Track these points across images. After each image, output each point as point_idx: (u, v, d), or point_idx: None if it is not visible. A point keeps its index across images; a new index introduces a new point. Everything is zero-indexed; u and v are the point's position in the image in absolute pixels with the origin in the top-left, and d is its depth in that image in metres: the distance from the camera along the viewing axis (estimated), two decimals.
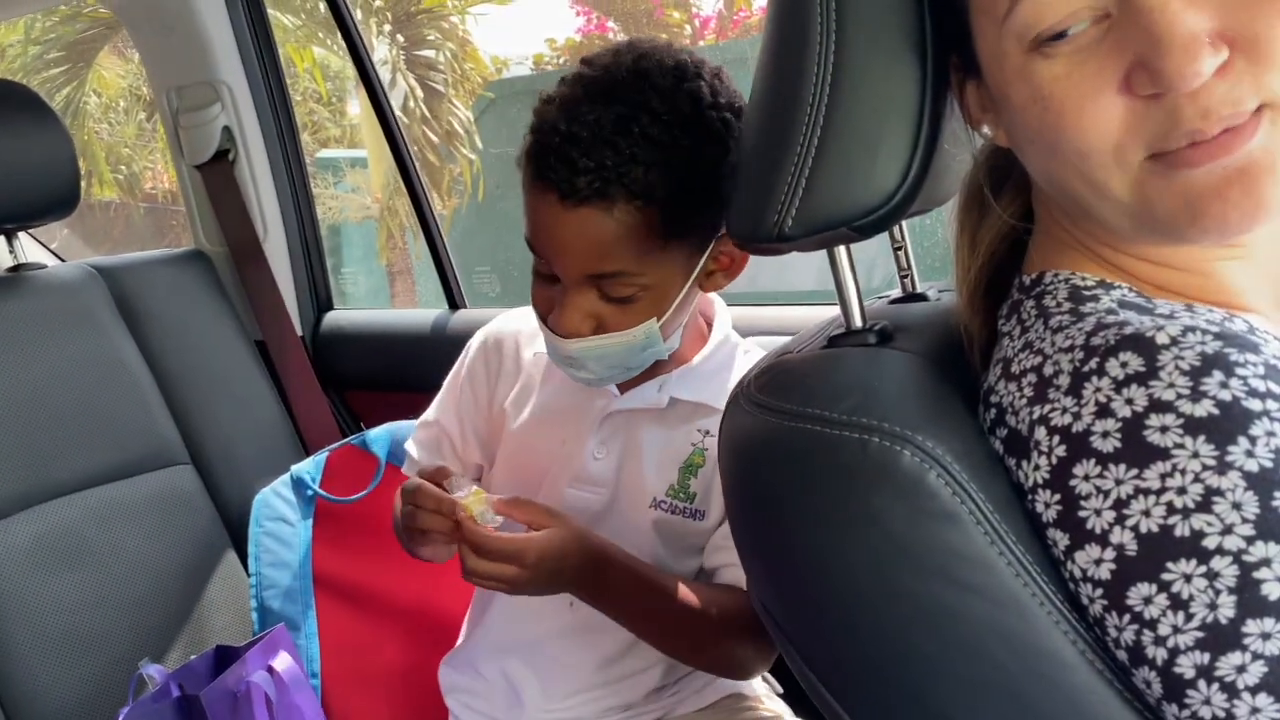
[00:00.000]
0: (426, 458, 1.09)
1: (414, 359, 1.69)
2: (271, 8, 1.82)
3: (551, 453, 1.00)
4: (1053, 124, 0.52)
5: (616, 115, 0.82)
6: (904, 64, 0.58)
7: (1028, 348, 0.55)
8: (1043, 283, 0.58)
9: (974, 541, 0.52)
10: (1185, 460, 0.46)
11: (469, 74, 6.62)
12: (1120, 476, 0.48)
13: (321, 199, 6.46)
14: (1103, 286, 0.57)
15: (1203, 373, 0.47)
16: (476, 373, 1.07)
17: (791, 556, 0.57)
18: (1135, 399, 0.48)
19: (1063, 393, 0.51)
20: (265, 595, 1.42)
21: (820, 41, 0.58)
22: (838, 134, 0.58)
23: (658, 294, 0.88)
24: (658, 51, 0.86)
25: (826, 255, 0.65)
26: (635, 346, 0.90)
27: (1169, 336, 0.49)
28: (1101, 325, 0.52)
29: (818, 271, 0.68)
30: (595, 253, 0.85)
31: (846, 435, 0.54)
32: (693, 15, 7.03)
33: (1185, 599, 0.46)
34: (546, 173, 0.84)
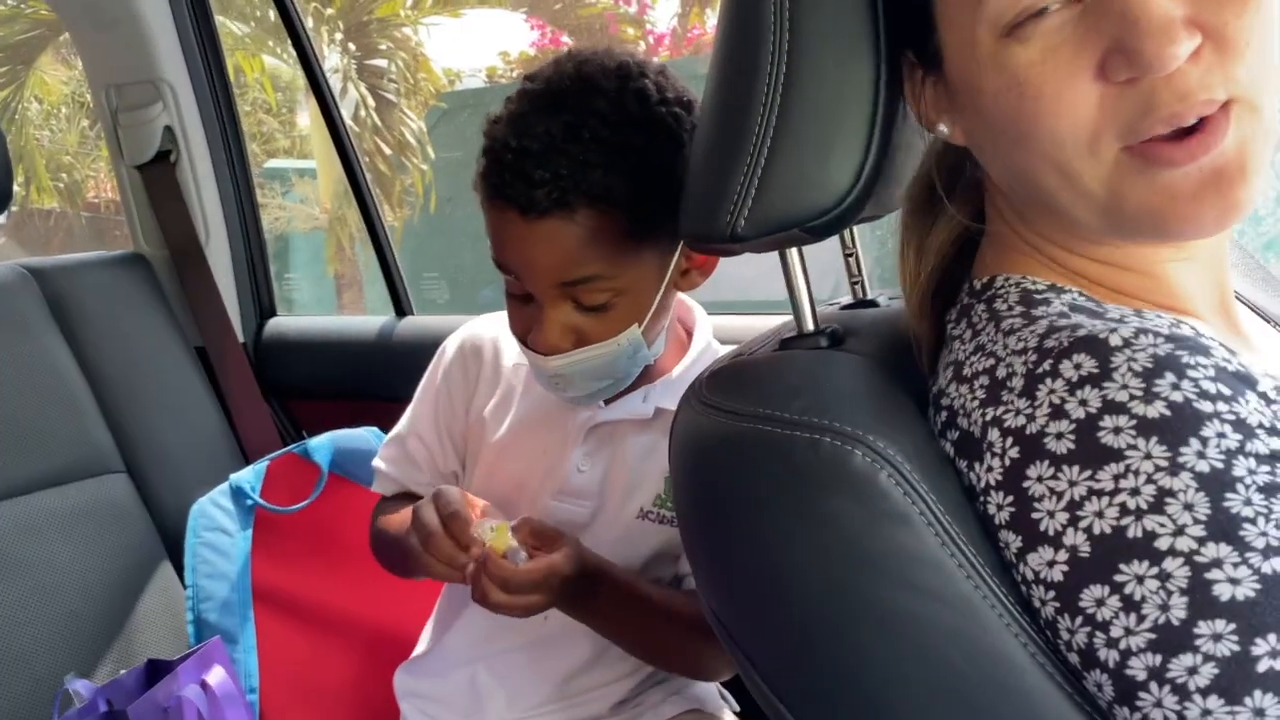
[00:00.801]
0: (400, 473, 1.07)
1: (359, 366, 1.66)
2: (220, 14, 1.79)
3: (532, 464, 0.99)
4: (1029, 111, 0.52)
5: (565, 123, 0.81)
6: (858, 63, 0.58)
7: (979, 350, 0.55)
8: (994, 287, 0.58)
9: (925, 543, 0.52)
10: (1138, 461, 0.46)
11: (421, 85, 6.58)
12: (1074, 478, 0.48)
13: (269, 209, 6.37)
14: (1053, 290, 0.57)
15: (1155, 374, 0.47)
16: (454, 378, 1.05)
17: (742, 557, 0.56)
18: (1089, 400, 0.48)
19: (1016, 394, 0.51)
20: (202, 608, 1.38)
21: (773, 40, 0.58)
22: (791, 134, 0.58)
23: (634, 298, 0.87)
24: (598, 56, 0.86)
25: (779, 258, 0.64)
26: (621, 356, 0.89)
27: (1121, 339, 0.49)
28: (1054, 328, 0.52)
29: None
30: (564, 261, 0.84)
31: (798, 435, 0.54)
32: (647, 32, 7.07)
33: (1137, 600, 0.46)
34: (504, 190, 0.83)
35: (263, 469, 1.45)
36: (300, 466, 1.46)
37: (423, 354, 1.09)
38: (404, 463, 1.07)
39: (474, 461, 1.03)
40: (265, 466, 1.45)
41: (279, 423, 1.72)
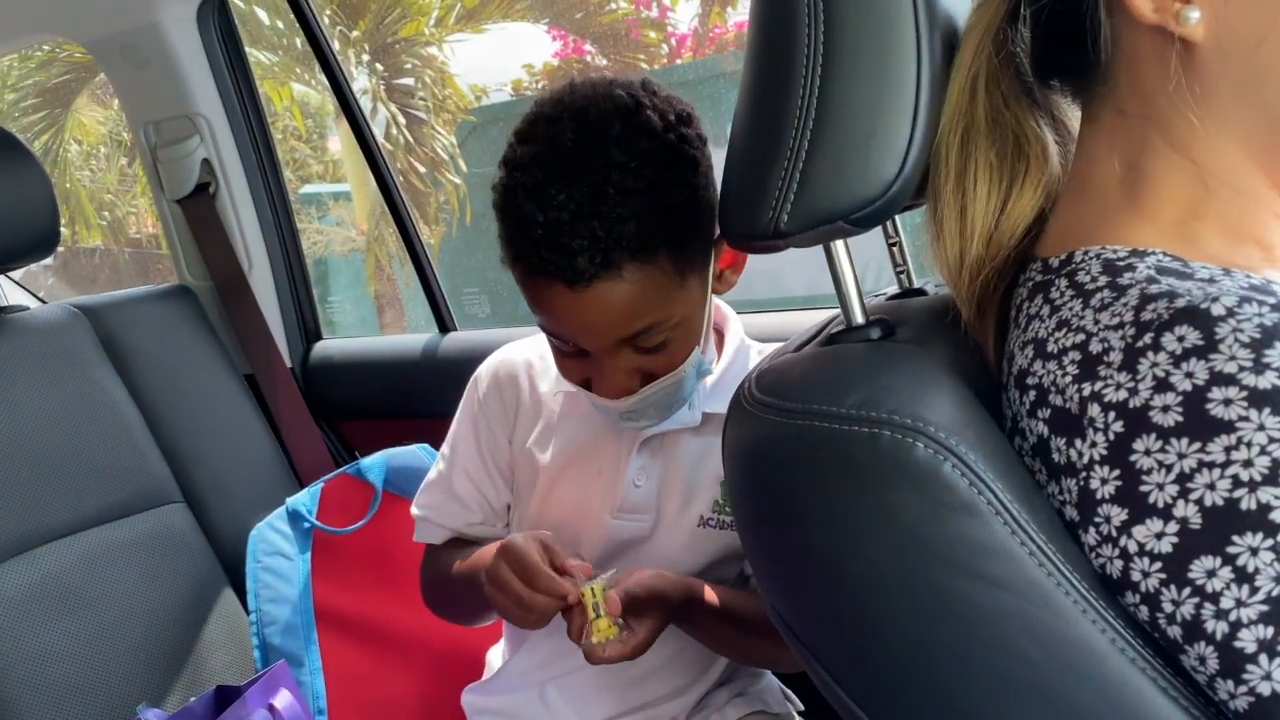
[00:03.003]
0: (447, 517, 1.05)
1: (406, 385, 1.67)
2: (248, 45, 1.81)
3: (588, 486, 0.98)
4: None
5: (588, 185, 0.79)
6: (897, 46, 0.56)
7: (1064, 326, 0.54)
8: (1074, 261, 0.57)
9: (994, 533, 0.51)
10: (1251, 433, 0.45)
11: (448, 101, 6.63)
12: (1183, 450, 0.47)
13: (306, 233, 6.45)
14: (1135, 255, 0.55)
15: (1264, 345, 0.46)
16: (492, 410, 1.03)
17: (805, 558, 0.56)
18: (1195, 372, 0.47)
19: (1115, 369, 0.50)
20: (266, 632, 1.39)
21: (809, 29, 0.57)
22: (831, 124, 0.57)
23: (688, 326, 0.87)
24: (593, 101, 0.82)
25: (824, 252, 0.63)
26: (689, 379, 0.90)
27: (1225, 308, 0.48)
28: (1147, 297, 0.51)
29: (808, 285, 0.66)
30: (620, 320, 0.83)
31: (856, 430, 0.53)
32: (669, 34, 7.06)
33: (1251, 572, 0.45)
34: (544, 267, 0.81)
35: (318, 491, 1.46)
36: (354, 487, 1.47)
37: (468, 369, 1.09)
38: (451, 505, 1.05)
39: (528, 492, 1.02)
40: (320, 489, 1.47)
41: (330, 444, 1.74)
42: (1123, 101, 0.57)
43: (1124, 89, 0.57)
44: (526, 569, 0.85)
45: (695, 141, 0.83)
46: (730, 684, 1.03)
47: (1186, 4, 0.52)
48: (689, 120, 0.84)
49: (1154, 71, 0.55)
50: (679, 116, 0.84)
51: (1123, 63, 0.56)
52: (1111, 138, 0.58)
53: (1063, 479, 0.52)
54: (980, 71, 0.59)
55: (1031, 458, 0.55)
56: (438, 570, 1.04)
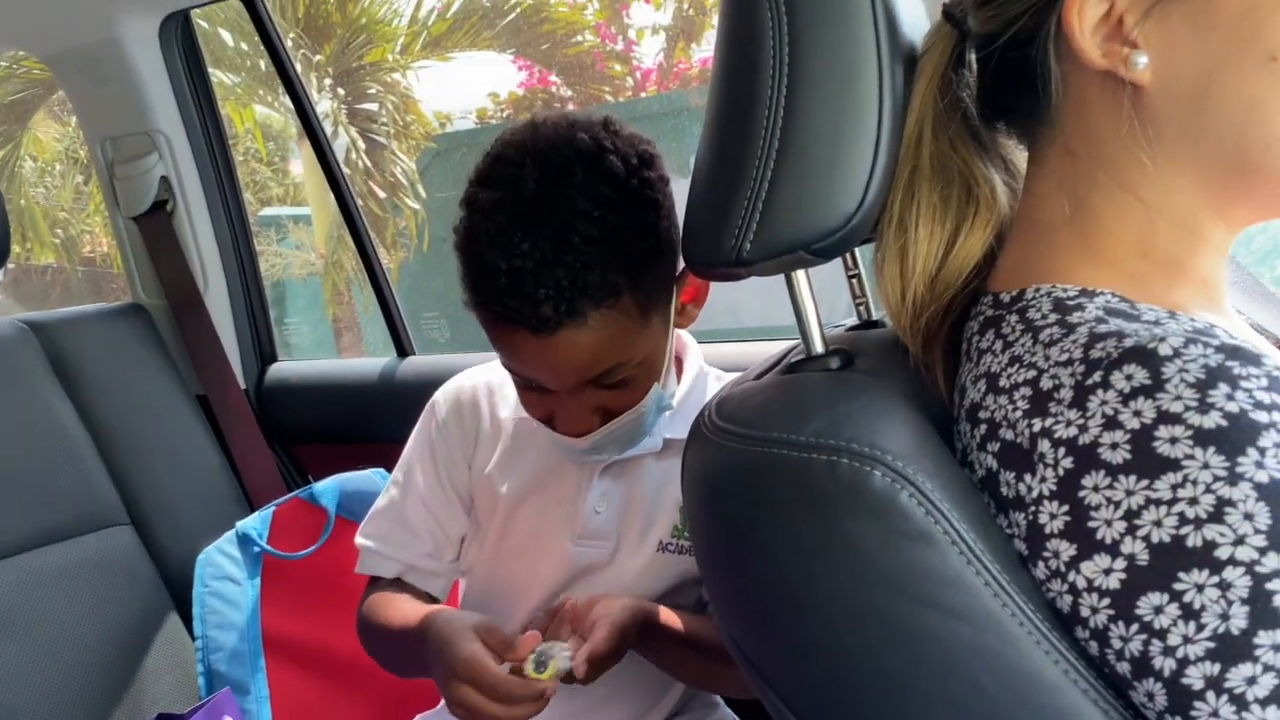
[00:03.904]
0: (396, 549, 1.02)
1: (362, 409, 1.65)
2: (211, 65, 1.80)
3: (548, 513, 0.97)
4: None
5: (552, 234, 0.79)
6: (860, 80, 0.57)
7: (1015, 362, 0.55)
8: (1024, 299, 0.58)
9: (950, 562, 0.51)
10: (1196, 471, 0.46)
11: (410, 127, 6.63)
12: (1131, 487, 0.47)
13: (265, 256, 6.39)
14: (1085, 295, 0.56)
15: (1209, 385, 0.47)
16: (453, 435, 1.02)
17: (762, 584, 0.56)
18: (1143, 411, 0.48)
19: (1065, 406, 0.50)
20: (212, 658, 1.37)
21: (774, 62, 0.57)
22: (794, 155, 0.57)
23: (650, 363, 0.88)
24: (555, 146, 0.82)
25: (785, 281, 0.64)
26: (650, 414, 0.90)
27: (1171, 349, 0.49)
28: (1096, 336, 0.51)
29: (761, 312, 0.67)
30: (585, 364, 0.83)
31: (815, 458, 0.53)
32: (634, 67, 7.13)
33: (1197, 609, 0.46)
34: (509, 315, 0.81)
35: (269, 515, 1.44)
36: (307, 511, 1.45)
37: (426, 394, 1.08)
38: (401, 535, 1.02)
39: (487, 519, 1.01)
40: (271, 512, 1.44)
41: (283, 468, 1.71)
42: (1071, 142, 0.58)
43: (1073, 131, 0.58)
44: (490, 684, 0.82)
45: (657, 184, 0.84)
46: (684, 715, 1.03)
47: (1134, 49, 0.53)
48: (651, 162, 0.85)
49: (1104, 114, 0.56)
50: (641, 158, 0.84)
51: (1072, 105, 0.57)
52: (1060, 177, 0.59)
53: (1011, 513, 0.53)
54: (927, 116, 0.60)
55: (980, 491, 0.55)
56: (379, 614, 1.01)
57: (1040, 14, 0.56)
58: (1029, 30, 0.56)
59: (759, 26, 0.58)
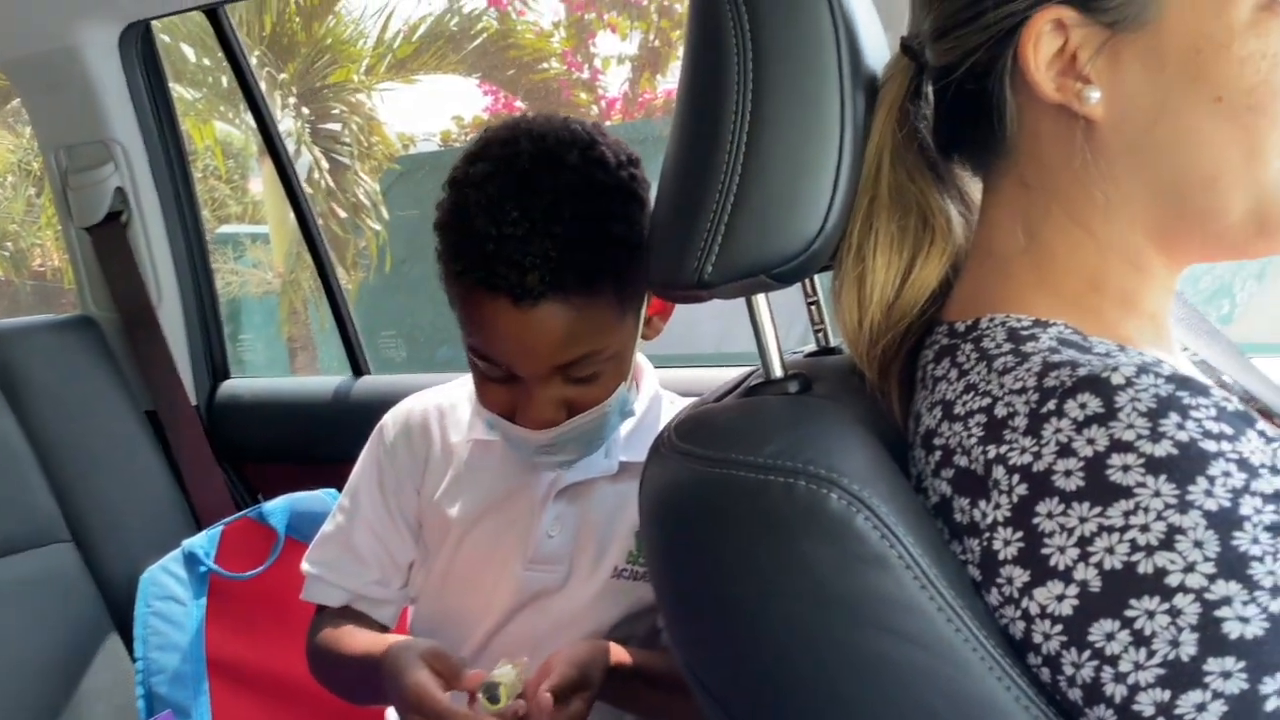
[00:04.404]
0: (342, 577, 1.00)
1: (316, 428, 1.63)
2: (172, 80, 1.79)
3: (500, 538, 0.96)
4: (1277, 84, 0.53)
5: (544, 205, 0.79)
6: (822, 109, 0.58)
7: (971, 390, 0.55)
8: (979, 327, 0.59)
9: (905, 587, 0.51)
10: (1148, 499, 0.47)
11: (374, 149, 6.61)
12: (1084, 514, 0.48)
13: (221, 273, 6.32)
14: (1039, 325, 0.57)
15: (1160, 414, 0.48)
16: (401, 460, 1.00)
17: (718, 605, 0.55)
18: (1096, 439, 0.48)
19: (1020, 433, 0.51)
20: (152, 681, 1.33)
21: (738, 89, 0.58)
22: (757, 181, 0.58)
23: (619, 361, 0.87)
24: (552, 128, 0.84)
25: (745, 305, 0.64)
26: (612, 415, 0.89)
27: (1124, 378, 0.50)
28: (1050, 365, 0.52)
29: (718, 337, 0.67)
30: (560, 344, 0.82)
31: (772, 479, 0.53)
32: (599, 96, 7.17)
33: (1148, 635, 0.46)
34: (491, 280, 0.80)
35: (217, 534, 1.41)
36: (256, 531, 1.43)
37: (381, 413, 1.06)
38: (348, 562, 1.00)
39: (436, 545, 0.99)
40: (219, 532, 1.42)
41: (233, 487, 1.69)
42: (1025, 175, 0.59)
43: (1027, 163, 0.59)
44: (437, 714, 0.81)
45: (643, 183, 0.85)
46: None
47: (1087, 84, 0.55)
48: (637, 163, 0.86)
49: (1057, 147, 0.57)
50: (629, 158, 0.85)
51: (1026, 138, 0.59)
52: (1014, 209, 0.60)
53: (965, 539, 0.53)
54: (886, 146, 0.61)
55: (934, 517, 0.56)
56: (327, 643, 0.99)
57: (996, 47, 0.57)
58: (985, 63, 0.58)
59: (724, 54, 0.59)
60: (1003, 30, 0.56)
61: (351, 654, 0.95)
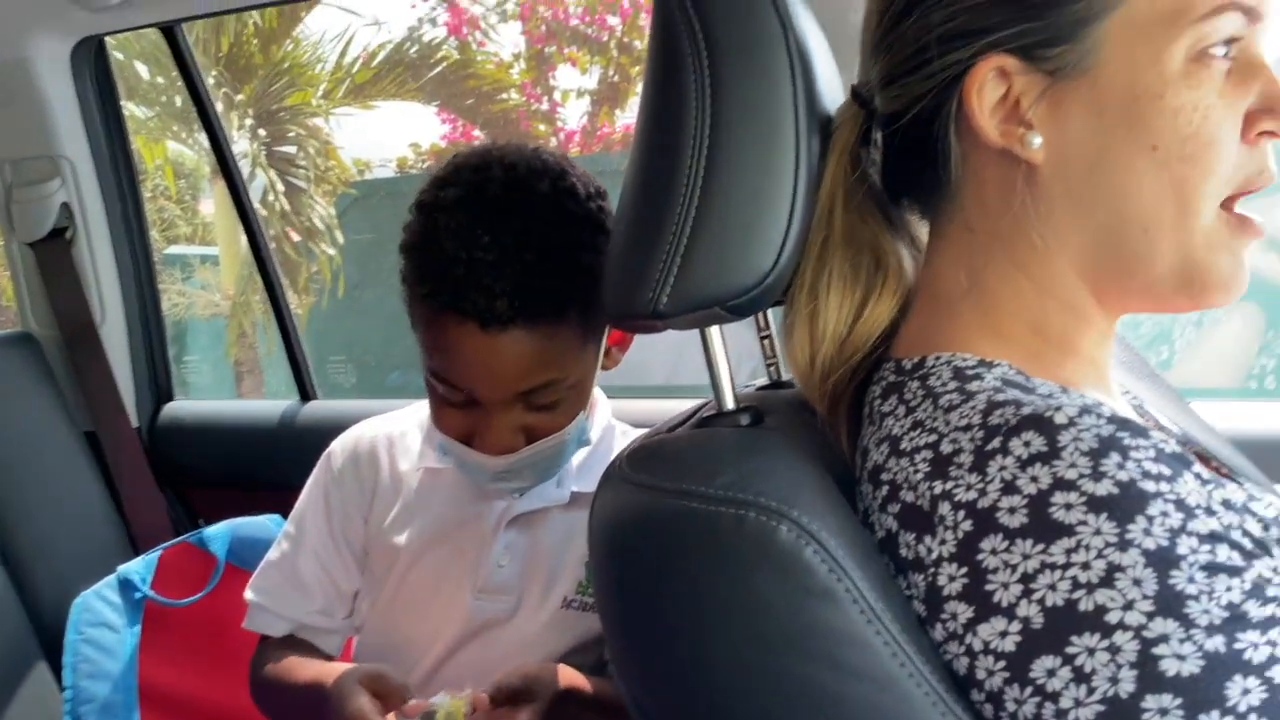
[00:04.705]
0: (286, 606, 0.99)
1: (261, 452, 1.61)
2: (125, 97, 1.76)
3: (449, 567, 0.95)
4: (1209, 135, 0.54)
5: (515, 232, 0.80)
6: (778, 145, 0.59)
7: (917, 426, 0.56)
8: (926, 365, 0.59)
9: (852, 621, 0.51)
10: (1089, 537, 0.48)
11: (329, 173, 6.57)
12: (1027, 551, 0.49)
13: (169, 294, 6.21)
14: (983, 365, 0.58)
15: (1101, 454, 0.49)
16: (349, 488, 0.99)
17: (665, 637, 0.55)
18: (1040, 477, 0.49)
19: (966, 470, 0.52)
20: (81, 710, 1.29)
21: (696, 122, 0.59)
22: (713, 213, 0.59)
23: (580, 390, 0.88)
24: (522, 156, 0.85)
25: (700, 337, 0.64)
26: (570, 444, 0.89)
27: (1067, 417, 0.50)
28: (994, 404, 0.53)
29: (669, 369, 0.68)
30: (525, 370, 0.83)
31: (724, 511, 0.53)
32: (558, 128, 7.20)
33: (1088, 672, 0.47)
34: (460, 304, 0.80)
35: (154, 559, 1.38)
36: (195, 557, 1.39)
37: (329, 439, 1.05)
38: (292, 592, 0.99)
39: (383, 574, 0.98)
40: (157, 557, 1.38)
41: (173, 511, 1.65)
42: (969, 219, 0.61)
43: (971, 207, 0.61)
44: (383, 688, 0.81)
45: (610, 215, 0.86)
46: None
47: (1030, 130, 0.57)
48: (604, 195, 0.87)
49: (999, 191, 0.59)
50: (597, 190, 0.87)
51: (970, 183, 0.60)
52: (958, 252, 0.61)
53: (910, 574, 0.54)
54: (838, 189, 0.62)
55: (880, 552, 0.56)
56: (272, 673, 0.97)
57: (942, 94, 0.58)
58: (931, 110, 0.59)
59: (683, 88, 0.59)
60: (948, 78, 0.58)
61: (296, 684, 0.93)
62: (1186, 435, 0.70)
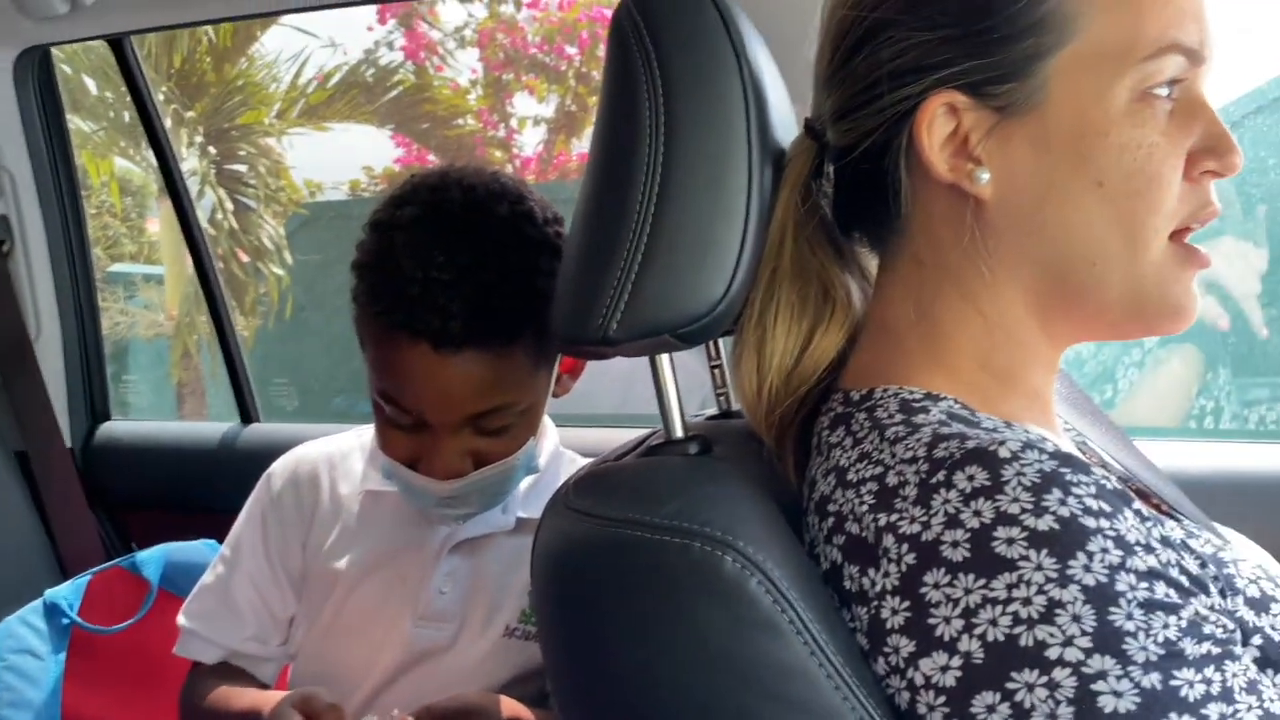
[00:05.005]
0: (219, 632, 0.97)
1: (200, 475, 1.58)
2: (70, 110, 1.74)
3: (389, 593, 0.93)
4: (1153, 172, 0.56)
5: (473, 252, 0.80)
6: (731, 175, 0.59)
7: (864, 458, 0.56)
8: (873, 397, 0.60)
9: (795, 653, 0.51)
10: (1030, 572, 0.48)
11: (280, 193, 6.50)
12: (969, 585, 0.49)
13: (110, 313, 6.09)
14: (930, 399, 0.58)
15: (1044, 489, 0.49)
16: (287, 511, 0.97)
17: (607, 667, 0.54)
18: (983, 511, 0.49)
19: (910, 503, 0.52)
20: None
21: (649, 150, 0.59)
22: (665, 239, 0.59)
23: (531, 416, 0.87)
24: (481, 179, 0.85)
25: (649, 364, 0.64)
26: (518, 471, 0.88)
27: (1010, 452, 0.51)
28: (939, 437, 0.53)
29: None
30: (476, 393, 0.82)
31: (669, 540, 0.53)
32: (513, 155, 7.21)
33: (1027, 708, 0.47)
34: (413, 323, 0.79)
35: (83, 584, 1.34)
36: (126, 582, 1.35)
37: (269, 463, 1.03)
38: (224, 617, 0.96)
39: (321, 600, 0.96)
40: (86, 582, 1.34)
41: (106, 535, 1.61)
42: (919, 251, 0.61)
43: (920, 240, 0.61)
44: None
45: None
46: None
47: (978, 165, 0.58)
48: (561, 221, 0.87)
49: (948, 226, 0.59)
50: (555, 216, 0.86)
51: (920, 217, 0.61)
52: (907, 285, 0.62)
53: (854, 606, 0.53)
54: (789, 221, 0.62)
55: (825, 583, 0.56)
56: (203, 703, 0.94)
57: (892, 129, 0.59)
58: (882, 144, 0.60)
59: (637, 116, 0.59)
60: (898, 113, 0.58)
61: (228, 714, 0.91)
62: (1128, 472, 0.71)
